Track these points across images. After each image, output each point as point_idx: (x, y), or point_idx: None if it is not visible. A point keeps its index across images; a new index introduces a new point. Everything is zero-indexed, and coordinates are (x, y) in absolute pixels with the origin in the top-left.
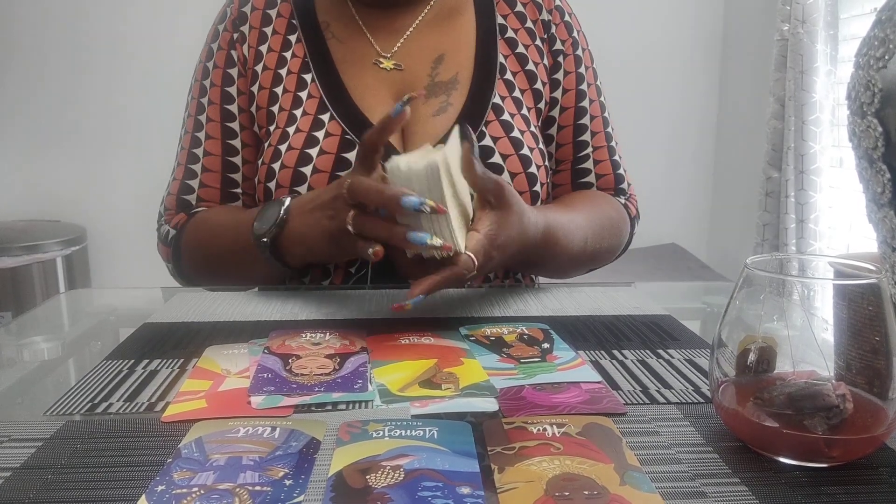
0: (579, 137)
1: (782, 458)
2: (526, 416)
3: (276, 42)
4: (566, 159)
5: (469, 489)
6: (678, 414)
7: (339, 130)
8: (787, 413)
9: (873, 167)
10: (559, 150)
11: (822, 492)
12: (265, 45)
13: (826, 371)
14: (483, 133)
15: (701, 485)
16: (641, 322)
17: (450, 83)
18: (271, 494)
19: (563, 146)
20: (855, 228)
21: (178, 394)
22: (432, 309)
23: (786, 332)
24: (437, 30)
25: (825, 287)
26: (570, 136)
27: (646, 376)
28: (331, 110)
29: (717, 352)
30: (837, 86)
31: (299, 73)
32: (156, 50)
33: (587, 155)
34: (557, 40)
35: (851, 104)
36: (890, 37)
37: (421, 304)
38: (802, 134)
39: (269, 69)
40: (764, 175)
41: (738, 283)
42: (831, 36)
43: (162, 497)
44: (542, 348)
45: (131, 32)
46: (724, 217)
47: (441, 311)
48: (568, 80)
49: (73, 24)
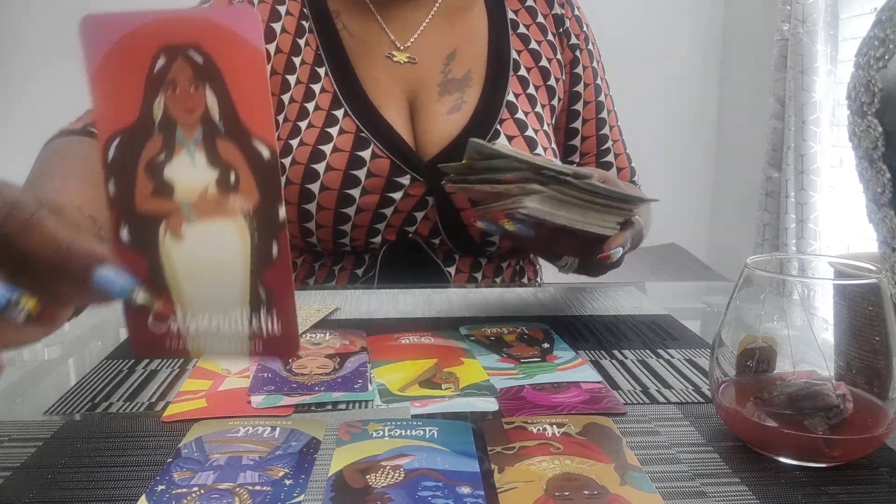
0: (601, 131)
1: (782, 458)
2: (526, 415)
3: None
4: (590, 152)
5: (469, 489)
6: (678, 414)
7: (354, 128)
8: (787, 413)
9: (873, 167)
10: (584, 143)
11: (822, 492)
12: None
13: (826, 371)
14: (497, 132)
15: (701, 485)
16: (641, 322)
17: (463, 80)
18: (271, 494)
19: (588, 139)
20: (855, 228)
21: (178, 393)
22: (432, 309)
23: (786, 332)
24: (447, 24)
25: (825, 287)
26: (594, 129)
27: (646, 376)
28: (345, 106)
29: (717, 352)
30: (837, 86)
31: (313, 64)
32: None
33: (608, 148)
34: (572, 35)
35: (851, 104)
36: (890, 37)
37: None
38: (802, 134)
39: (283, 53)
40: (764, 175)
41: (738, 283)
42: (831, 36)
43: (162, 497)
44: (542, 348)
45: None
46: (724, 217)
47: (441, 311)
48: (587, 75)
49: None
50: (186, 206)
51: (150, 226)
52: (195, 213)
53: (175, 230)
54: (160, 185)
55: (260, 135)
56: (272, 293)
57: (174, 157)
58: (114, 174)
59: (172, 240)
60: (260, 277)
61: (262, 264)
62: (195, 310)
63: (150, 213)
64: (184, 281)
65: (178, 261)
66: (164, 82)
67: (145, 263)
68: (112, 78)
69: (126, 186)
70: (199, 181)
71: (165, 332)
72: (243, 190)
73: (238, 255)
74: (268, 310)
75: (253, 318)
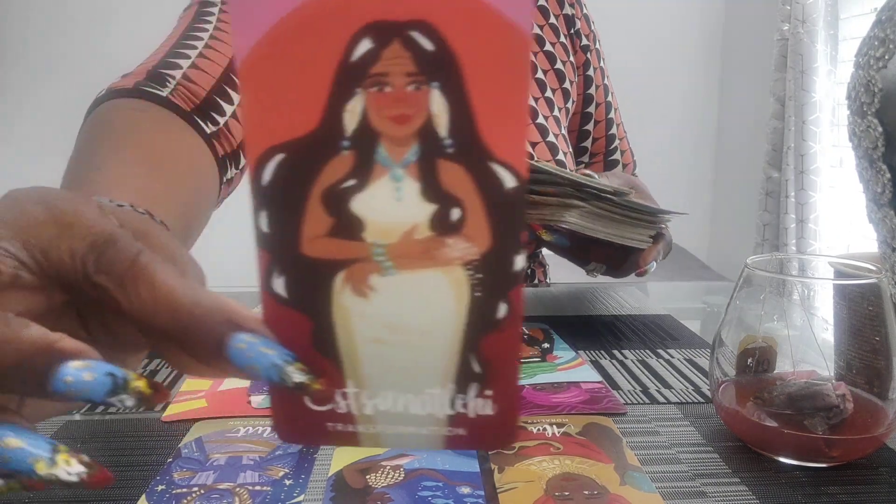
0: (610, 131)
1: (782, 458)
2: (526, 415)
3: None
4: (599, 152)
5: (469, 489)
6: (678, 414)
7: None
8: (787, 413)
9: (873, 167)
10: (594, 144)
11: (822, 492)
12: None
13: (826, 371)
14: None
15: (701, 485)
16: (641, 322)
17: None
18: (271, 494)
19: (598, 140)
20: (855, 228)
21: (179, 393)
22: None
23: (786, 332)
24: None
25: (825, 287)
26: (604, 130)
27: (646, 376)
28: None
29: (717, 352)
30: (837, 86)
31: None
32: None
33: (616, 147)
34: (582, 35)
35: (851, 104)
36: (890, 37)
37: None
38: (802, 134)
39: None
40: (764, 175)
41: (738, 283)
42: (831, 36)
43: (162, 497)
44: (542, 348)
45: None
46: (724, 217)
47: None
48: (597, 76)
49: (75, 25)
50: (380, 251)
51: (322, 276)
52: (392, 260)
53: (359, 282)
54: (344, 221)
55: (505, 156)
56: (491, 365)
57: (370, 183)
58: (270, 204)
59: (353, 295)
60: (475, 345)
61: (482, 328)
62: (376, 387)
63: (324, 260)
64: (365, 350)
65: (360, 324)
66: (367, 77)
67: (308, 327)
68: (278, 67)
69: (289, 222)
70: (403, 218)
71: (327, 412)
72: (469, 231)
73: (447, 315)
74: (481, 386)
75: (458, 398)
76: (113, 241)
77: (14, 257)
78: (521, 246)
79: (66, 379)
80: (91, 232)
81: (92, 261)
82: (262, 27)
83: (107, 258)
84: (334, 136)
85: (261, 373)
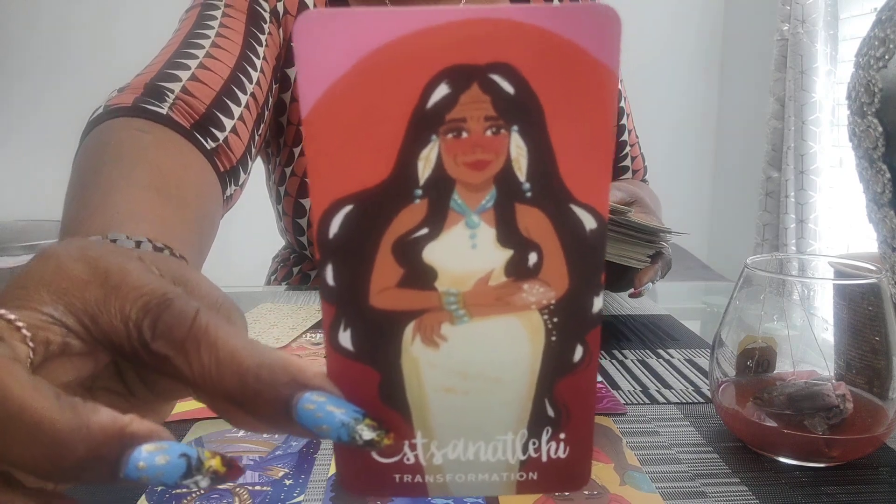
0: (621, 137)
1: (782, 458)
2: None
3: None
4: None
5: None
6: (678, 414)
7: None
8: (787, 413)
9: (873, 167)
10: None
11: (822, 492)
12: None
13: (826, 371)
14: None
15: (701, 485)
16: (641, 322)
17: None
18: (271, 494)
19: None
20: (855, 228)
21: None
22: None
23: (786, 332)
24: None
25: (825, 287)
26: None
27: (646, 376)
28: None
29: (717, 352)
30: (837, 86)
31: None
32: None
33: (627, 154)
34: None
35: (851, 104)
36: (890, 37)
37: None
38: (802, 134)
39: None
40: (764, 175)
41: (738, 283)
42: (831, 36)
43: (162, 496)
44: None
45: (133, 33)
46: (724, 217)
47: None
48: None
49: (75, 24)
50: (453, 299)
51: (391, 328)
52: (465, 308)
53: (430, 333)
54: (415, 271)
55: (586, 198)
56: (566, 408)
57: (444, 231)
58: (337, 257)
59: (424, 346)
60: (550, 389)
61: (558, 372)
62: (446, 436)
63: (394, 311)
64: (435, 400)
65: (430, 373)
66: (443, 123)
67: (375, 379)
68: (349, 117)
69: (357, 275)
70: (478, 265)
71: (395, 464)
72: (547, 274)
73: (522, 361)
74: (555, 430)
75: (531, 443)
76: (167, 303)
77: (60, 323)
78: (601, 287)
79: (140, 465)
80: (142, 293)
81: (147, 326)
82: (332, 76)
83: (164, 323)
84: (407, 185)
85: (331, 433)
